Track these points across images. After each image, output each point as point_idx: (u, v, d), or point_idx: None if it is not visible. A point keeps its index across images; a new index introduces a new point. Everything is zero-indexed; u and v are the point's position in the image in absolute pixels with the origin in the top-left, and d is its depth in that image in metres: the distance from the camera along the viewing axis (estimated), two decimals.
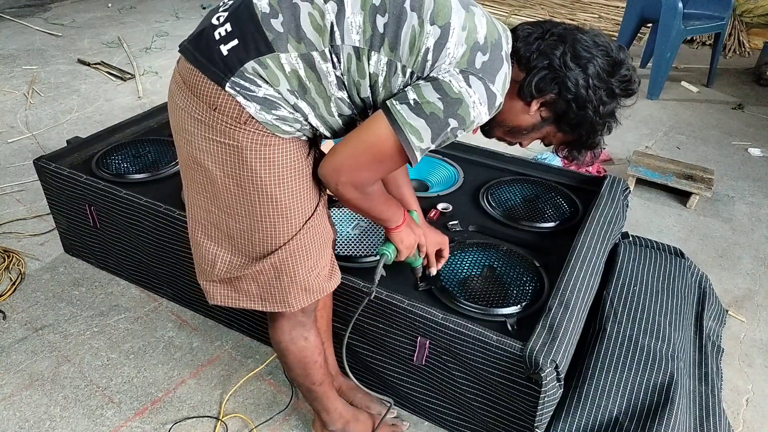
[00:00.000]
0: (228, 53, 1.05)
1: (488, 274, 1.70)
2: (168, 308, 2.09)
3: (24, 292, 2.14)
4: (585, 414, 1.51)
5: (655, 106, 3.88)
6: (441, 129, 1.06)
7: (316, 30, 1.03)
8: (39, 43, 4.67)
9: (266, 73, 1.04)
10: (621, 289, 1.83)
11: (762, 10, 5.11)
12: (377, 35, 1.04)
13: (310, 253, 1.24)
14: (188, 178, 1.21)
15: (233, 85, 1.05)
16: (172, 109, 1.17)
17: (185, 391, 1.78)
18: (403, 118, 1.04)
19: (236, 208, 1.16)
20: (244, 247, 1.21)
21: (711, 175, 2.84)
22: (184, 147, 1.16)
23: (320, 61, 1.05)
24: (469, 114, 1.06)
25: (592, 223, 1.81)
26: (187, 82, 1.11)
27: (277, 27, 1.03)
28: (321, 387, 1.47)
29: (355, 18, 1.03)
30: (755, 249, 2.53)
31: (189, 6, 5.80)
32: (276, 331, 1.37)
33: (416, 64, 1.05)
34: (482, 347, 1.42)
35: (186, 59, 1.11)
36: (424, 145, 1.06)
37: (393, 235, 1.35)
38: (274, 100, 1.07)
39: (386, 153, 1.08)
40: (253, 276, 1.23)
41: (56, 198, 2.17)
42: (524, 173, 2.24)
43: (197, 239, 1.25)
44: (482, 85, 1.05)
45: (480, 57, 1.06)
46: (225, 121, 1.08)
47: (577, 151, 1.24)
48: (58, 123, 3.39)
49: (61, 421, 1.68)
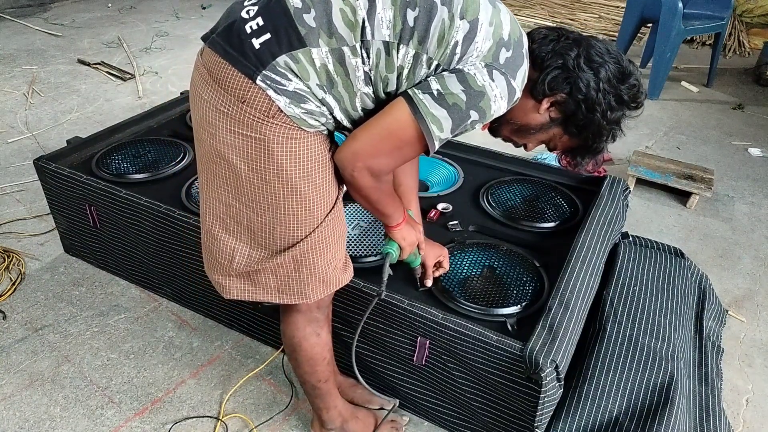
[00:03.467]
0: (260, 47, 1.06)
1: (488, 274, 1.70)
2: (168, 308, 2.09)
3: (24, 292, 2.14)
4: (585, 414, 1.51)
5: (655, 106, 3.88)
6: (462, 120, 1.08)
7: (347, 25, 1.05)
8: (39, 43, 4.67)
9: (297, 67, 1.05)
10: (621, 289, 1.83)
11: (762, 10, 5.11)
12: (407, 29, 1.05)
13: (329, 246, 1.25)
14: (209, 172, 1.20)
15: (264, 79, 1.06)
16: (196, 101, 1.16)
17: (185, 391, 1.78)
18: (425, 108, 1.06)
19: (260, 201, 1.16)
20: (265, 240, 1.21)
21: (711, 175, 2.84)
22: (207, 140, 1.16)
23: (350, 56, 1.06)
24: (490, 107, 1.08)
25: (592, 223, 1.81)
26: (215, 74, 1.10)
27: (309, 22, 1.04)
28: (326, 384, 1.47)
29: (386, 13, 1.04)
30: (755, 249, 2.53)
31: (189, 6, 5.79)
32: (289, 326, 1.37)
33: (443, 57, 1.07)
34: (482, 347, 1.42)
35: (215, 51, 1.10)
36: (444, 135, 1.09)
37: (395, 232, 1.36)
38: (303, 94, 1.08)
39: (406, 140, 1.10)
40: (272, 269, 1.24)
41: (56, 198, 2.17)
42: (524, 173, 2.24)
43: (215, 233, 1.25)
44: (504, 80, 1.08)
45: (504, 53, 1.08)
46: (253, 114, 1.08)
47: (581, 157, 1.27)
48: (58, 123, 3.39)
49: (61, 421, 1.68)
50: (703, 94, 4.13)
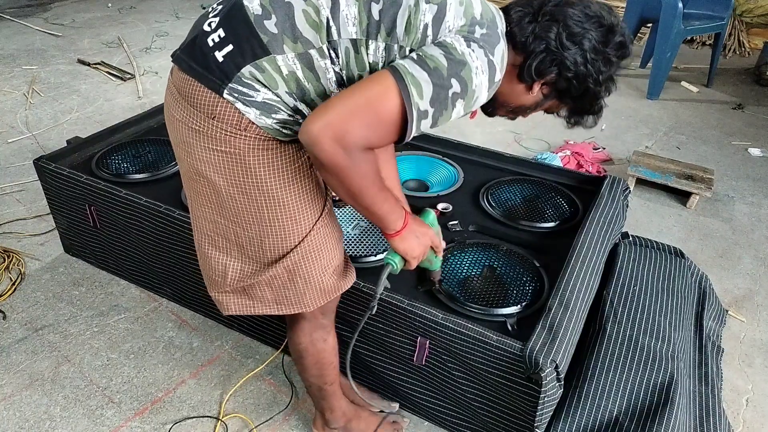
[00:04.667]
0: (223, 59, 1.03)
1: (488, 274, 1.70)
2: (168, 308, 2.09)
3: (24, 292, 2.14)
4: (585, 414, 1.51)
5: (655, 106, 3.88)
6: (442, 88, 1.00)
7: (312, 27, 1.01)
8: (39, 43, 4.67)
9: (263, 76, 1.03)
10: (621, 289, 1.83)
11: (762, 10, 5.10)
12: (373, 23, 1.02)
13: (322, 253, 1.22)
14: (192, 190, 1.19)
15: (231, 92, 1.03)
16: (170, 121, 1.15)
17: (185, 391, 1.78)
18: (405, 69, 0.99)
19: (244, 216, 1.15)
20: (255, 253, 1.20)
21: (711, 175, 2.84)
22: (185, 159, 1.14)
23: (318, 59, 1.03)
24: (471, 80, 1.02)
25: (592, 223, 1.81)
26: (183, 92, 1.08)
27: (270, 28, 1.01)
28: (332, 387, 1.48)
29: (350, 9, 1.01)
30: (755, 249, 2.53)
31: (189, 6, 5.80)
32: (296, 332, 1.36)
33: (415, 41, 1.03)
34: (482, 347, 1.42)
35: (180, 69, 1.08)
36: (422, 105, 0.99)
37: (395, 242, 1.19)
38: (273, 104, 1.05)
39: (386, 110, 0.99)
40: (267, 281, 1.22)
41: (56, 198, 2.17)
42: (524, 173, 2.24)
43: (205, 251, 1.24)
44: (483, 53, 1.03)
45: (479, 30, 1.05)
46: (224, 128, 1.06)
47: (581, 117, 1.25)
48: (58, 123, 3.39)
49: (61, 421, 1.68)
50: (703, 94, 4.13)
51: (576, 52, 1.09)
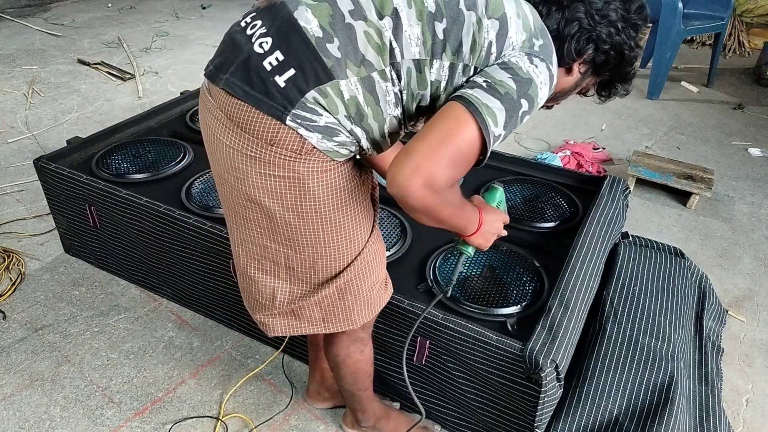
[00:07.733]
0: (285, 84, 0.98)
1: (488, 274, 1.70)
2: (168, 308, 2.09)
3: (24, 292, 2.14)
4: (585, 414, 1.51)
5: (655, 106, 3.88)
6: (514, 111, 1.01)
7: (375, 50, 0.99)
8: (39, 43, 4.67)
9: (326, 101, 0.99)
10: (621, 289, 1.83)
11: (762, 10, 5.11)
12: (438, 42, 1.01)
13: (373, 269, 1.23)
14: (239, 216, 1.16)
15: (294, 118, 0.99)
16: (216, 147, 1.09)
17: (185, 391, 1.78)
18: (479, 100, 0.98)
19: (298, 239, 1.12)
20: (306, 275, 1.18)
21: (711, 175, 2.84)
22: (234, 185, 1.10)
23: (380, 81, 1.01)
24: (537, 95, 1.04)
25: (592, 223, 1.81)
26: (234, 118, 1.03)
27: (334, 52, 0.97)
28: (366, 392, 1.49)
29: (413, 30, 0.99)
30: (755, 249, 2.53)
31: (189, 6, 5.80)
32: (334, 345, 1.37)
33: (479, 60, 1.03)
34: (482, 347, 1.42)
35: (232, 94, 1.02)
36: (498, 131, 1.00)
37: (471, 240, 1.23)
38: (334, 128, 1.02)
39: (466, 141, 0.98)
40: (317, 302, 1.21)
41: (56, 198, 2.17)
42: (524, 173, 2.24)
43: (251, 275, 1.22)
44: (545, 66, 1.05)
45: (536, 42, 1.06)
46: (284, 154, 1.02)
47: (614, 88, 1.27)
48: (58, 123, 3.39)
49: (61, 421, 1.68)
50: (703, 94, 4.13)
51: (606, 25, 1.13)
